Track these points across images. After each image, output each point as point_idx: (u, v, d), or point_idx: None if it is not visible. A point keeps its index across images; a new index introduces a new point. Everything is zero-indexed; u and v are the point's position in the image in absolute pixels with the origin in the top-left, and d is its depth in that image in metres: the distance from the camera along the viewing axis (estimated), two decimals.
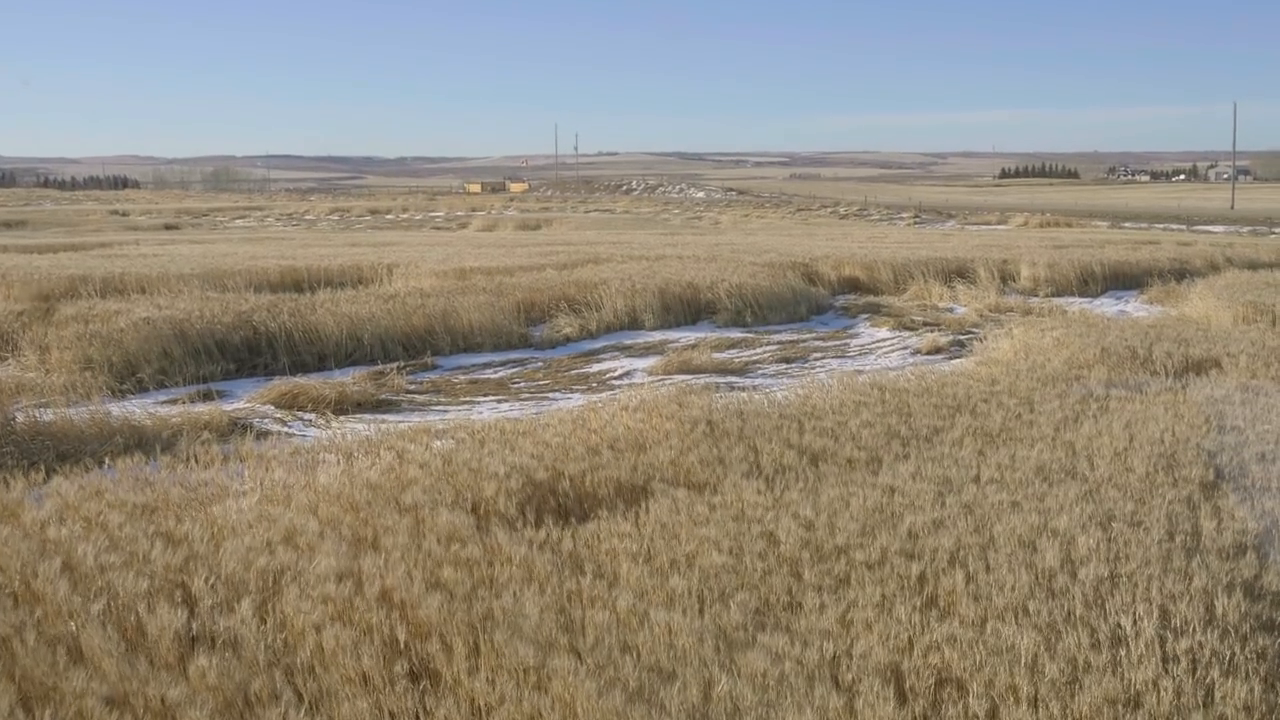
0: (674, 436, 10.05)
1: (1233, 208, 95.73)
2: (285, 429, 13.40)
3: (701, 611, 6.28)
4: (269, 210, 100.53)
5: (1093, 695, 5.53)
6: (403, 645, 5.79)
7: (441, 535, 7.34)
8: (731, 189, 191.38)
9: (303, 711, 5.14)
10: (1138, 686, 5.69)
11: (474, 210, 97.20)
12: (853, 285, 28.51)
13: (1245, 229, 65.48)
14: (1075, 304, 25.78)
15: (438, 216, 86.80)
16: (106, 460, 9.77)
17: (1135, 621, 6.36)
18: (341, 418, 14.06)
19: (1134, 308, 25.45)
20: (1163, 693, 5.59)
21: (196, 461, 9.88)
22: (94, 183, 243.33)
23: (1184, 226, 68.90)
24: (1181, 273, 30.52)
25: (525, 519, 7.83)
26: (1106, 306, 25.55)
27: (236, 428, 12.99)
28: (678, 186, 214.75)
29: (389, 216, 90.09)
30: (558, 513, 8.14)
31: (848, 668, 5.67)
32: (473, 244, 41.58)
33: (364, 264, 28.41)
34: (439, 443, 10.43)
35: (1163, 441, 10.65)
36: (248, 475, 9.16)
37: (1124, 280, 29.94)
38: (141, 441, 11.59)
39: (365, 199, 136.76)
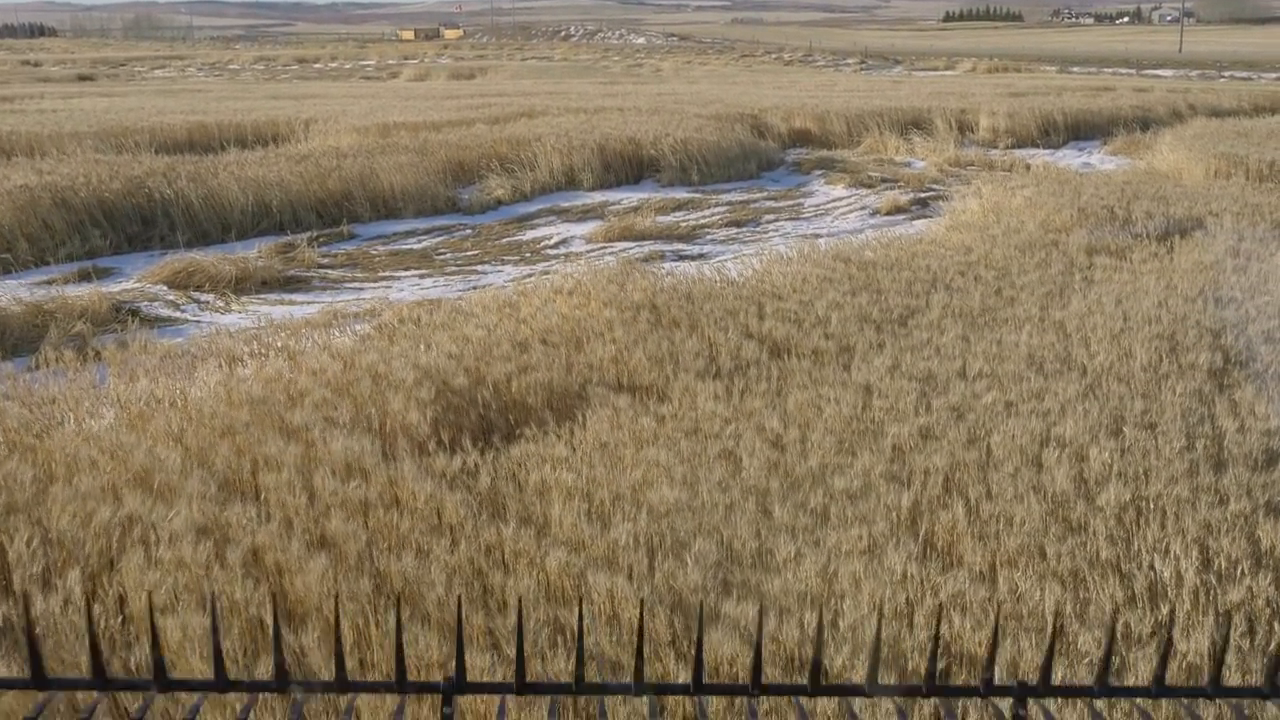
0: (615, 326, 8.71)
1: (1180, 51, 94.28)
2: (178, 313, 11.86)
3: (651, 569, 5.07)
4: (191, 60, 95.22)
5: (1143, 680, 4.41)
6: (271, 634, 4.51)
7: (335, 467, 6.01)
8: (673, 35, 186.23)
9: None
10: (1191, 659, 4.61)
11: (406, 59, 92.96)
12: (804, 138, 26.83)
13: (1195, 73, 64.52)
14: (1038, 156, 24.45)
15: (368, 65, 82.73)
16: None
17: (1174, 564, 5.27)
18: (244, 298, 12.56)
19: (1099, 160, 24.18)
20: (1226, 670, 4.47)
21: (49, 365, 8.38)
22: (8, 31, 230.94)
23: (1133, 71, 67.71)
24: (1145, 122, 29.20)
25: (439, 439, 6.51)
26: (1070, 159, 24.26)
27: (120, 314, 11.45)
28: (617, 33, 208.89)
29: (317, 66, 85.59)
30: (478, 430, 6.82)
31: (837, 649, 4.51)
32: (401, 95, 39.16)
33: (281, 119, 26.24)
34: (341, 337, 8.99)
35: (1159, 320, 9.59)
36: (110, 386, 7.68)
37: (1086, 130, 28.56)
38: (4, 334, 10.09)
39: (293, 48, 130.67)
